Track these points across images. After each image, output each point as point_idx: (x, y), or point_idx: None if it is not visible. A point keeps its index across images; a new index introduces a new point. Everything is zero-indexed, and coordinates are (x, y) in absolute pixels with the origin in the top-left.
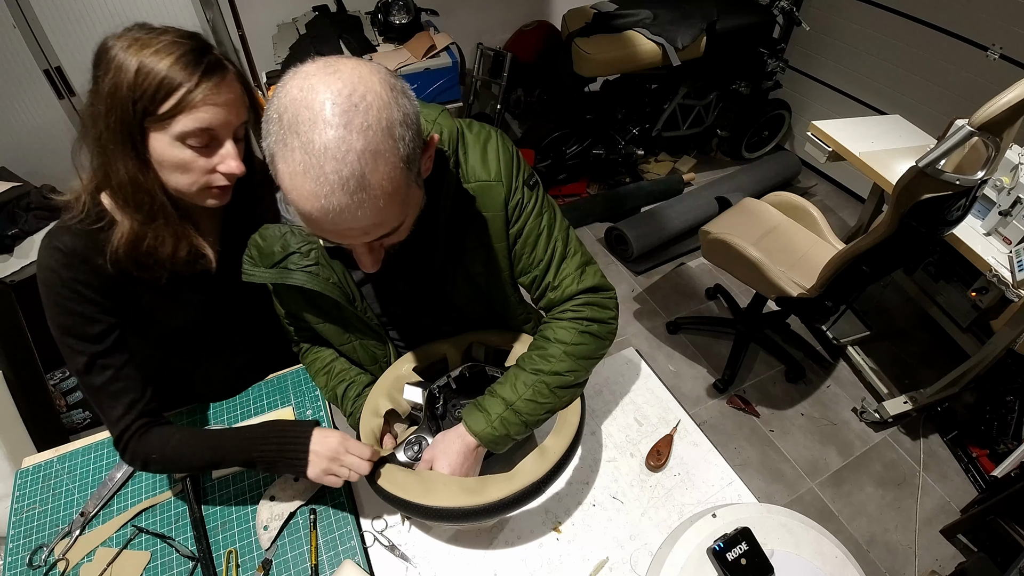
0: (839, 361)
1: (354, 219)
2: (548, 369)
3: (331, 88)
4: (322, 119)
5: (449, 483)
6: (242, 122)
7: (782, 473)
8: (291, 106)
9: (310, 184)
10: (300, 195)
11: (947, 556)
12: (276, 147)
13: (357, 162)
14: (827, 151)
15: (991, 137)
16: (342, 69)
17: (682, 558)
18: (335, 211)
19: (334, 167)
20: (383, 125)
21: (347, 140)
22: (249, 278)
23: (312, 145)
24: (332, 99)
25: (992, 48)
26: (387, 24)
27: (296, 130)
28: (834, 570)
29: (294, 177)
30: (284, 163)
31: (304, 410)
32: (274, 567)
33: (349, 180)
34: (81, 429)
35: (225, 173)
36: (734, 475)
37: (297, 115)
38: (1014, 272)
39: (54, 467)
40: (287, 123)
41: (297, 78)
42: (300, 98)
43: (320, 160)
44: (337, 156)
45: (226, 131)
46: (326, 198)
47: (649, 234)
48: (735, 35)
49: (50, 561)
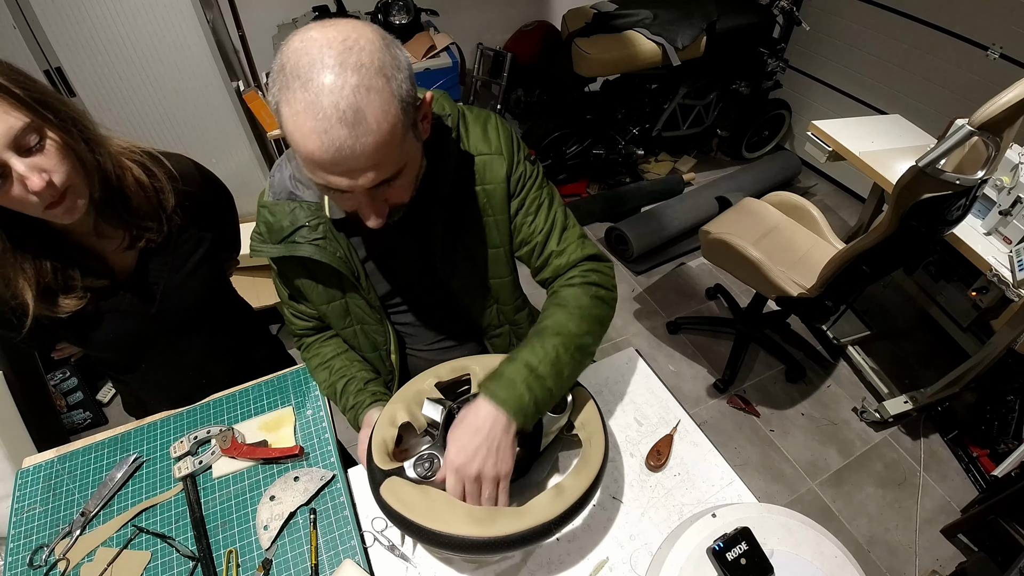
0: (839, 361)
1: (353, 155)
2: (568, 331)
3: (327, 35)
4: (319, 61)
5: (456, 508)
6: (18, 129)
7: (782, 473)
8: (292, 56)
9: (310, 121)
10: (302, 134)
11: (947, 556)
12: (280, 94)
13: (352, 95)
14: (827, 151)
15: (991, 137)
16: (338, 22)
17: (682, 558)
18: (335, 145)
19: (331, 100)
20: (376, 64)
21: (342, 76)
22: (257, 254)
23: (311, 83)
24: (328, 44)
25: (992, 48)
26: (387, 24)
27: (296, 74)
28: (834, 570)
29: (296, 117)
30: (287, 106)
31: (304, 410)
32: (274, 567)
33: (346, 112)
34: (81, 429)
35: (35, 193)
36: (734, 475)
37: (298, 62)
38: (1014, 272)
39: (54, 467)
40: (289, 70)
41: (298, 33)
42: (300, 47)
43: (318, 96)
44: (333, 91)
45: (4, 154)
46: (326, 133)
47: (649, 234)
48: (735, 35)
49: (50, 561)
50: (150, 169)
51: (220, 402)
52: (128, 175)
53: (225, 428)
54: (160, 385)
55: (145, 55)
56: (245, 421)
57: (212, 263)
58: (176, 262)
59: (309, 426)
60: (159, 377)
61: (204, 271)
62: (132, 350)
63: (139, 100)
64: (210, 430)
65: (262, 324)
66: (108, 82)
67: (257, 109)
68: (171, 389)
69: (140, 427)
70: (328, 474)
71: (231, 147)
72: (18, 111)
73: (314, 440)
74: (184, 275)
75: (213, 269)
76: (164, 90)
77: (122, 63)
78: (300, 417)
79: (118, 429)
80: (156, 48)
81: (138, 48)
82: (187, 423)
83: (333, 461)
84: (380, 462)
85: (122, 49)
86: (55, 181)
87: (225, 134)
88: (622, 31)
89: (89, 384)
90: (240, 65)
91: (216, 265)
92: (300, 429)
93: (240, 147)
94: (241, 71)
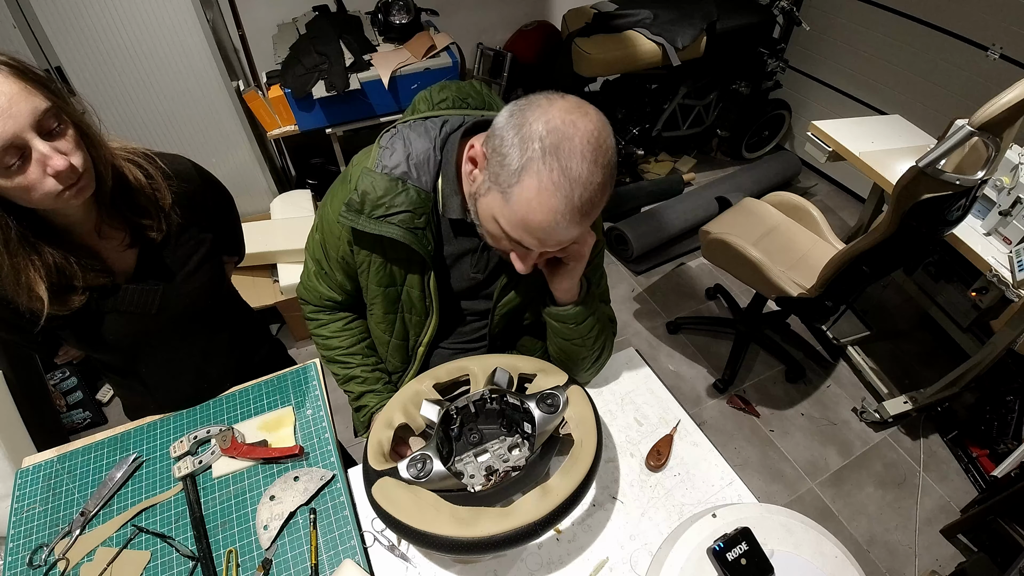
0: (839, 361)
1: (568, 236)
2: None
3: (587, 127)
4: (580, 154)
5: (441, 509)
6: (41, 112)
7: (782, 473)
8: (554, 132)
9: (557, 202)
10: (540, 207)
11: (947, 556)
12: (532, 163)
13: (598, 193)
14: (827, 151)
15: (991, 137)
16: (590, 112)
17: (682, 558)
18: (562, 227)
19: (581, 193)
20: (613, 163)
21: (595, 174)
22: (347, 222)
23: (571, 171)
24: (588, 138)
25: (992, 48)
26: (387, 24)
27: (557, 154)
28: (834, 570)
29: (543, 191)
30: (537, 177)
31: (304, 410)
32: (274, 567)
33: (586, 206)
34: (81, 429)
35: (55, 175)
36: (734, 475)
37: (559, 142)
38: (1014, 272)
39: (54, 467)
40: (549, 145)
41: (557, 110)
42: (563, 129)
43: (572, 184)
44: (587, 185)
45: (26, 133)
46: (563, 215)
47: (649, 234)
48: (735, 35)
49: (50, 561)
50: (145, 168)
51: (220, 402)
52: (128, 173)
53: (225, 428)
54: (160, 387)
55: (145, 55)
56: (245, 421)
57: (212, 264)
58: (176, 263)
59: (309, 426)
60: (159, 378)
61: (204, 272)
62: (132, 350)
63: (139, 100)
64: (210, 430)
65: (262, 325)
66: (108, 82)
67: (257, 109)
68: (172, 391)
69: (140, 427)
70: (328, 474)
71: (231, 147)
72: (41, 94)
73: (314, 440)
74: (184, 276)
75: (213, 270)
76: (164, 90)
77: (122, 63)
78: (300, 417)
79: (118, 429)
80: (156, 48)
81: (138, 48)
82: (187, 423)
83: (333, 461)
84: (375, 462)
85: (122, 49)
86: (75, 163)
87: (225, 134)
88: (622, 31)
89: (89, 384)
90: (240, 65)
91: (217, 267)
92: (300, 429)
93: (240, 147)
94: (241, 71)
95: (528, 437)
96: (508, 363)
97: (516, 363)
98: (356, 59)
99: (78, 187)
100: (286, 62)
